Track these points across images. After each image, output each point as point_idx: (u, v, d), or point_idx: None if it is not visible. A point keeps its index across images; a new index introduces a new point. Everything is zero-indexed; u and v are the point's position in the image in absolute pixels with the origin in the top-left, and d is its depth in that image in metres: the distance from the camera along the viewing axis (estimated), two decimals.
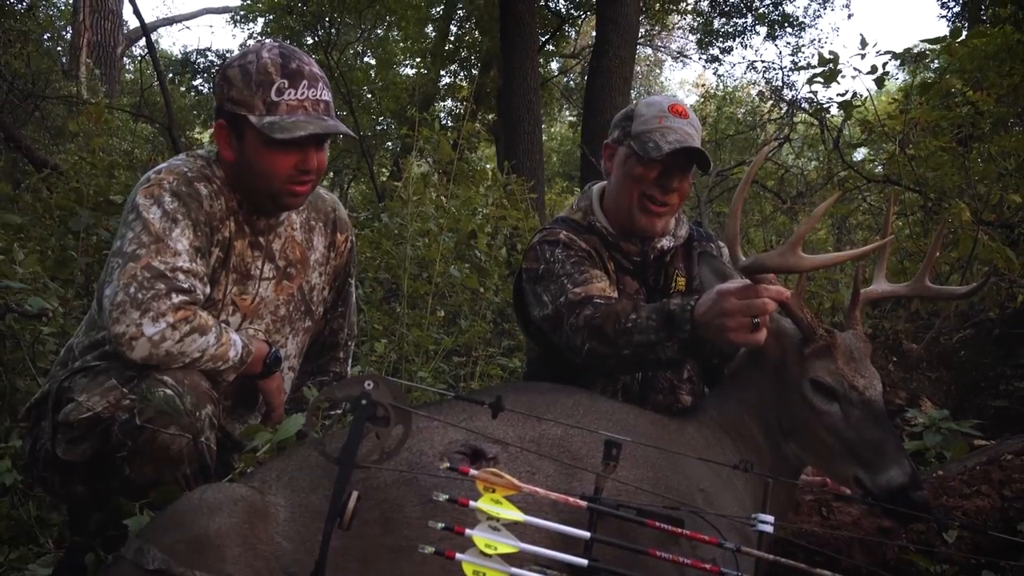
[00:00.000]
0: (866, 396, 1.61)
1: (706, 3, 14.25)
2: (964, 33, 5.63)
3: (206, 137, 14.78)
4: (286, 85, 1.89)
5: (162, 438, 1.70)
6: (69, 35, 13.32)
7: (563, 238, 2.23)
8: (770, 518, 1.22)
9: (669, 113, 2.21)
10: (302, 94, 1.91)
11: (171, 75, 15.12)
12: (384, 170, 13.81)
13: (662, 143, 2.14)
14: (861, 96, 5.05)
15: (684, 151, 2.15)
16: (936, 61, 6.38)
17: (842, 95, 5.02)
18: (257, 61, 1.91)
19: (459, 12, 14.55)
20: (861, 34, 4.76)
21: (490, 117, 13.14)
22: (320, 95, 1.94)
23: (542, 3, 12.69)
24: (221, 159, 1.99)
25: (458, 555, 1.10)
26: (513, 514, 1.12)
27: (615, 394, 2.23)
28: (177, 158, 2.00)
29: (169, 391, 1.73)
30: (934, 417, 2.64)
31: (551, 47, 14.49)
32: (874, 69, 4.56)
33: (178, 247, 1.84)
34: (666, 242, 2.29)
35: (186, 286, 1.82)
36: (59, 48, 13.18)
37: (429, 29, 14.97)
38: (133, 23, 14.16)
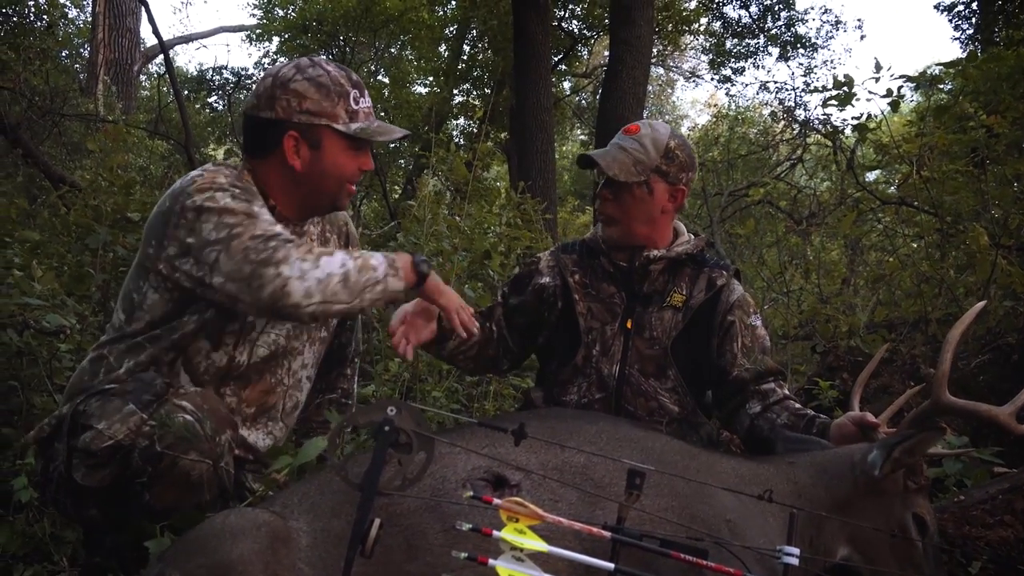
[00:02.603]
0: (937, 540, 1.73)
1: (719, 24, 14.31)
2: (979, 55, 5.63)
3: (220, 154, 14.89)
4: (358, 95, 2.02)
5: (182, 464, 1.70)
6: (87, 52, 13.49)
7: (528, 264, 2.56)
8: (795, 550, 1.21)
9: (620, 133, 2.39)
10: (368, 103, 2.05)
11: (186, 92, 15.26)
12: (397, 187, 13.88)
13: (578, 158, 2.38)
14: (876, 118, 5.05)
15: (586, 162, 2.37)
16: (949, 83, 6.38)
17: (857, 118, 5.01)
18: (327, 74, 2.00)
19: (472, 32, 14.66)
20: (876, 58, 4.77)
21: (502, 135, 13.20)
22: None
23: (555, 23, 12.77)
24: (275, 169, 2.03)
25: None
26: (537, 544, 1.11)
27: (590, 403, 2.32)
28: (206, 168, 2.00)
29: (189, 416, 1.72)
30: (954, 444, 2.61)
31: (564, 67, 14.58)
32: (889, 92, 4.55)
33: (265, 216, 1.89)
34: (656, 252, 2.37)
35: (288, 237, 1.86)
36: (77, 65, 13.35)
37: (442, 48, 15.09)
38: (150, 41, 14.38)
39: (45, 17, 9.04)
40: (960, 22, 11.56)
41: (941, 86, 6.41)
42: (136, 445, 1.72)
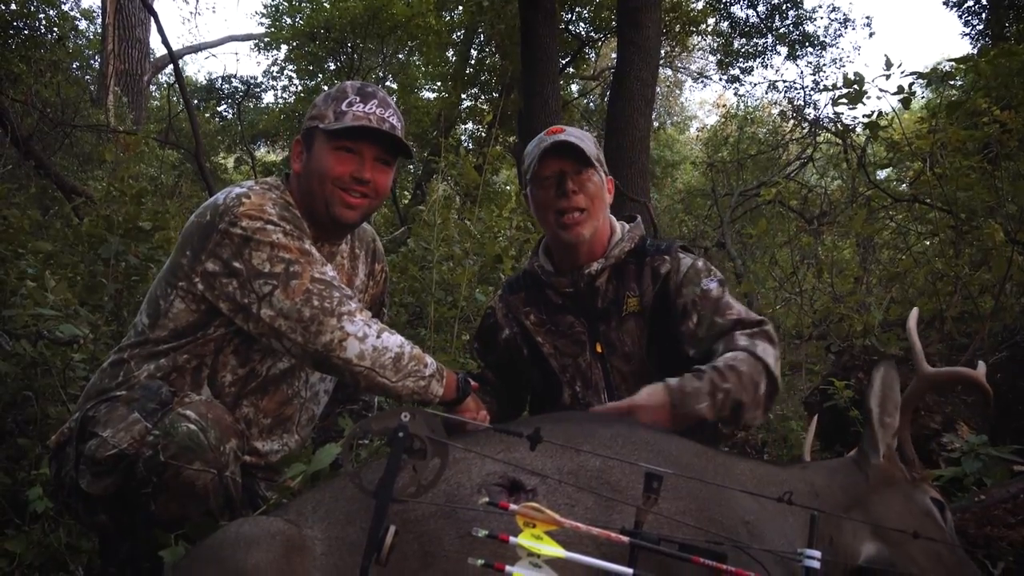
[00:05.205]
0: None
1: (726, 24, 14.26)
2: (990, 51, 5.58)
3: (230, 162, 14.98)
4: (357, 100, 2.03)
5: (187, 474, 1.69)
6: (98, 64, 13.57)
7: (487, 318, 2.43)
8: (817, 553, 1.19)
9: (544, 136, 2.24)
10: (370, 109, 2.03)
11: (196, 101, 15.33)
12: (406, 192, 13.90)
13: (537, 159, 2.19)
14: (887, 115, 5.01)
15: (554, 150, 2.16)
16: (960, 79, 6.33)
17: (868, 116, 4.98)
18: (340, 85, 2.08)
19: (480, 36, 14.67)
20: (886, 55, 4.73)
21: (511, 139, 13.19)
22: (387, 115, 2.05)
23: (562, 26, 12.76)
24: (291, 175, 2.10)
25: None
26: (554, 550, 1.09)
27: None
28: (252, 188, 1.99)
29: (193, 426, 1.71)
30: (973, 442, 2.58)
31: (571, 69, 14.56)
32: (901, 89, 4.51)
33: (317, 255, 1.92)
34: (596, 265, 2.24)
35: (349, 292, 1.90)
36: (88, 77, 13.43)
37: (450, 53, 15.11)
38: (159, 51, 14.45)
39: (55, 30, 9.10)
40: (970, 17, 11.50)
41: (952, 82, 6.37)
42: (140, 454, 1.72)
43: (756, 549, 1.30)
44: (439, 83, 15.20)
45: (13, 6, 8.16)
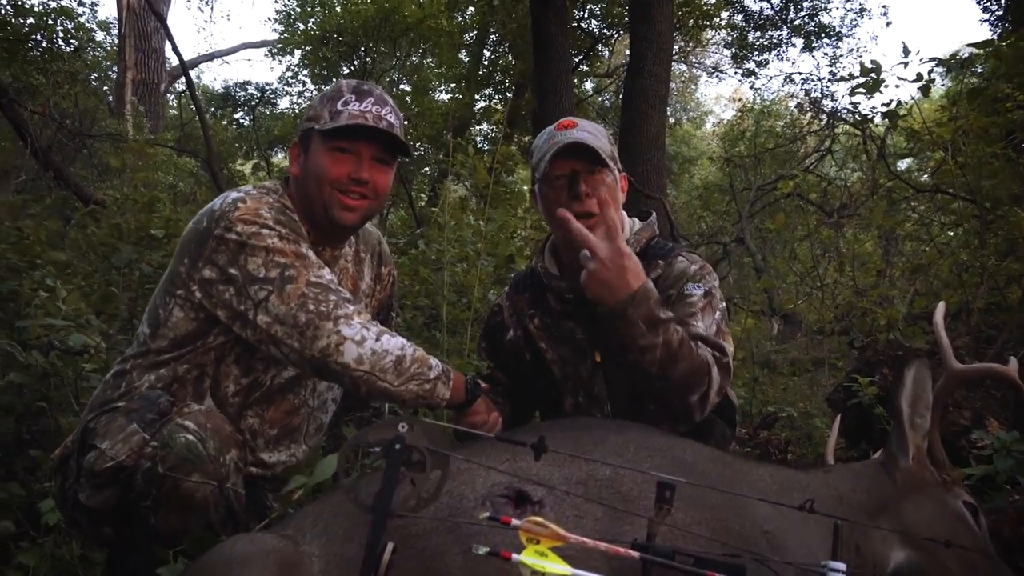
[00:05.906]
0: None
1: (740, 17, 14.12)
2: (1011, 36, 5.45)
3: (248, 168, 15.06)
4: (352, 99, 1.97)
5: (186, 486, 1.65)
6: (115, 74, 13.69)
7: (493, 316, 2.35)
8: (841, 566, 1.13)
9: (555, 131, 2.10)
10: (365, 107, 1.97)
11: (213, 109, 15.45)
12: (423, 195, 13.90)
13: (548, 159, 2.04)
14: (906, 104, 4.91)
15: (568, 151, 2.02)
16: (980, 66, 6.20)
17: (886, 105, 4.87)
18: (335, 85, 2.03)
19: (492, 36, 14.64)
20: (903, 42, 4.62)
21: (526, 139, 13.14)
22: (384, 113, 1.99)
23: (574, 24, 12.69)
24: (290, 179, 2.06)
25: None
26: (559, 567, 1.04)
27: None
28: (249, 193, 1.95)
29: (191, 436, 1.67)
30: (1004, 439, 2.50)
31: (585, 67, 14.49)
32: (919, 77, 4.41)
33: (314, 258, 1.87)
34: None
35: (347, 295, 1.85)
36: (105, 87, 13.55)
37: (463, 54, 15.10)
38: (176, 60, 14.56)
39: (73, 42, 9.18)
40: (989, 3, 11.28)
41: (973, 68, 6.23)
42: (139, 466, 1.68)
43: (776, 561, 1.23)
44: (453, 84, 15.18)
45: (31, 20, 8.26)
